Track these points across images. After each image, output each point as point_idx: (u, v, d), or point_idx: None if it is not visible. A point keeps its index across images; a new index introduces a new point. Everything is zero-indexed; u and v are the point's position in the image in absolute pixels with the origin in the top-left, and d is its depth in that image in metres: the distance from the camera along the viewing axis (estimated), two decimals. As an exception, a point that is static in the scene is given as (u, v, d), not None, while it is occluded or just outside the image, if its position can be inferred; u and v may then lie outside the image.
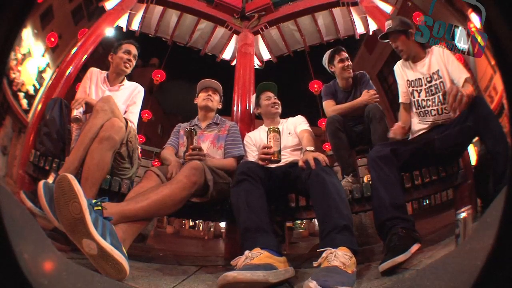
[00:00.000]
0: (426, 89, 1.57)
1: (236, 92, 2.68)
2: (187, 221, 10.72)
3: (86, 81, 1.86)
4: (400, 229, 1.13)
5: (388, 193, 1.25)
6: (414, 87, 1.61)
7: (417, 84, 1.60)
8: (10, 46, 0.44)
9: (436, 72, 1.54)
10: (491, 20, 0.41)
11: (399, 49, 1.62)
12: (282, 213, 1.62)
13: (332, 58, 2.07)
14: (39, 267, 0.52)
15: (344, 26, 3.48)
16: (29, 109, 2.03)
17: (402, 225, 1.14)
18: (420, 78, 1.59)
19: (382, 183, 1.29)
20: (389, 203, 1.22)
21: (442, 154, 1.45)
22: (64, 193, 0.91)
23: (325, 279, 0.82)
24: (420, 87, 1.59)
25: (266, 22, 3.27)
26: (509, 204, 0.40)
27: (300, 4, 3.30)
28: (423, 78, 1.58)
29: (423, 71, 1.58)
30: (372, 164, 1.36)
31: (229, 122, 1.93)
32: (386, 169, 1.31)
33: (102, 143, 1.41)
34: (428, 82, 1.56)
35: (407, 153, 1.41)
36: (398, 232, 1.12)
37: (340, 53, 2.05)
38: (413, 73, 1.62)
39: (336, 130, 1.81)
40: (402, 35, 1.60)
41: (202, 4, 3.31)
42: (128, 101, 1.84)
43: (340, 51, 2.06)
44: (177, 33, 3.65)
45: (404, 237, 1.09)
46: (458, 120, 1.37)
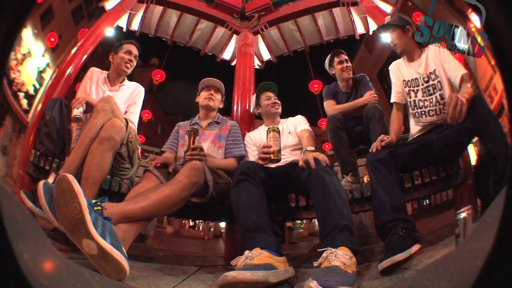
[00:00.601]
0: (423, 89, 1.55)
1: (236, 92, 2.68)
2: (187, 221, 10.71)
3: (86, 81, 1.86)
4: (400, 229, 1.13)
5: (387, 195, 1.26)
6: (410, 87, 1.60)
7: (414, 84, 1.58)
8: (10, 46, 0.44)
9: (433, 71, 1.52)
10: (491, 20, 0.41)
11: (394, 42, 1.62)
12: (282, 213, 1.62)
13: (331, 60, 2.12)
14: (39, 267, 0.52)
15: (344, 26, 3.48)
16: (29, 109, 2.03)
17: (403, 226, 1.15)
18: (417, 78, 1.57)
19: (381, 185, 1.29)
20: (389, 205, 1.23)
21: (441, 154, 1.45)
22: (64, 193, 0.91)
23: (326, 279, 0.82)
24: (417, 87, 1.57)
25: (266, 22, 3.27)
26: (509, 204, 0.40)
27: (300, 4, 3.30)
28: (420, 78, 1.56)
29: (419, 71, 1.57)
30: (370, 167, 1.37)
31: (230, 122, 1.93)
32: (384, 171, 1.32)
33: (103, 143, 1.41)
34: (426, 82, 1.54)
35: (405, 154, 1.41)
36: (398, 232, 1.12)
37: (339, 55, 2.10)
38: (410, 73, 1.61)
39: (337, 128, 1.82)
40: (398, 29, 1.60)
41: (202, 4, 3.31)
42: (129, 101, 1.84)
43: (339, 53, 2.11)
44: (177, 33, 3.64)
45: (404, 237, 1.10)
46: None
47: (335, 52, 2.13)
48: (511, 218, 0.40)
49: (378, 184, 1.31)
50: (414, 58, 1.61)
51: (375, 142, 1.47)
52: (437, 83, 1.51)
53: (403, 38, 1.59)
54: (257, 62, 3.73)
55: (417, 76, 1.57)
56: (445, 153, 1.45)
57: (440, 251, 1.13)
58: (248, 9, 3.28)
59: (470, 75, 1.88)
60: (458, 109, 1.19)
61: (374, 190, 1.32)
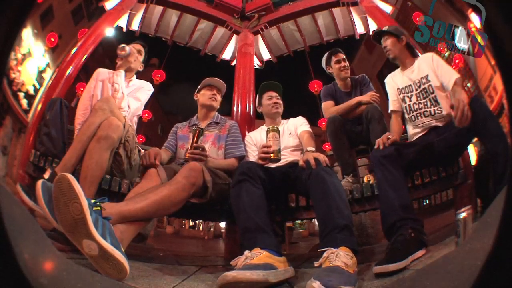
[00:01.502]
0: (417, 94, 1.61)
1: (236, 92, 2.68)
2: (187, 221, 10.70)
3: (92, 82, 1.87)
4: (410, 230, 1.11)
5: (396, 193, 1.22)
6: (405, 93, 1.66)
7: (408, 90, 1.65)
8: (10, 46, 0.44)
9: (425, 76, 1.58)
10: (491, 20, 0.41)
11: (387, 48, 1.70)
12: (282, 213, 1.62)
13: (329, 59, 2.10)
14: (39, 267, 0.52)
15: (344, 26, 3.49)
16: (29, 109, 2.03)
17: (412, 225, 1.13)
18: (410, 84, 1.64)
19: (389, 183, 1.26)
20: (398, 204, 1.20)
21: (443, 155, 1.45)
22: (63, 193, 0.90)
23: (329, 279, 0.82)
24: (410, 92, 1.63)
25: (266, 22, 3.28)
26: (509, 204, 0.40)
27: (300, 4, 3.31)
28: (413, 84, 1.63)
29: (412, 77, 1.64)
30: (376, 164, 1.33)
31: (229, 121, 1.91)
32: (391, 168, 1.29)
33: (100, 142, 1.41)
34: (419, 87, 1.60)
35: (410, 154, 1.41)
36: (405, 233, 1.10)
37: (336, 54, 2.08)
38: (403, 81, 1.68)
39: (336, 130, 1.81)
40: (393, 37, 1.70)
41: (202, 4, 3.31)
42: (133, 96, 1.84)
43: (337, 53, 2.09)
44: (177, 33, 3.65)
45: (410, 240, 1.08)
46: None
47: (333, 51, 2.11)
48: (511, 218, 0.40)
49: (385, 181, 1.27)
50: (407, 66, 1.69)
51: (379, 138, 1.44)
52: (428, 87, 1.56)
53: (396, 46, 1.69)
54: (257, 62, 3.74)
55: (410, 83, 1.64)
56: (446, 154, 1.45)
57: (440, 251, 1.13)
58: (248, 9, 3.28)
59: (471, 75, 1.90)
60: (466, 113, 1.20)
61: (382, 188, 1.28)
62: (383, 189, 1.27)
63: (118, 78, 1.78)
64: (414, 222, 1.16)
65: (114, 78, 1.78)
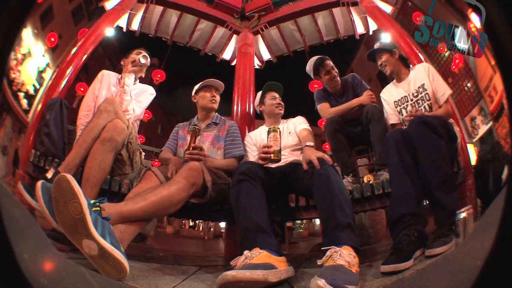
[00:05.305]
0: (412, 104, 1.65)
1: (236, 92, 2.68)
2: (187, 221, 10.72)
3: (96, 83, 1.87)
4: (414, 231, 1.10)
5: (413, 183, 1.15)
6: (401, 105, 1.70)
7: (404, 101, 1.69)
8: (10, 46, 0.44)
9: (421, 85, 1.63)
10: (491, 20, 0.41)
11: (384, 64, 1.75)
12: (282, 213, 1.62)
13: (317, 70, 2.04)
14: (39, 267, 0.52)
15: (344, 26, 3.48)
16: (29, 109, 2.03)
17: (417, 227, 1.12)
18: (405, 96, 1.69)
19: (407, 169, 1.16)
20: (415, 195, 1.13)
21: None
22: (63, 193, 0.90)
23: (334, 277, 0.82)
24: (406, 103, 1.68)
25: (266, 22, 3.27)
26: (509, 204, 0.40)
27: (300, 4, 3.30)
28: (408, 95, 1.67)
29: (407, 89, 1.68)
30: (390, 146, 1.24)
31: (229, 122, 1.91)
32: (408, 154, 1.20)
33: (104, 144, 1.41)
34: (415, 97, 1.65)
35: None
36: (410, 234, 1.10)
37: (324, 65, 2.00)
38: (399, 93, 1.72)
39: (335, 131, 1.81)
40: (386, 53, 1.75)
41: (202, 4, 3.31)
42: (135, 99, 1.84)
43: (325, 62, 2.00)
44: (177, 33, 3.65)
45: (414, 241, 1.08)
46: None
47: (320, 61, 2.00)
48: (511, 218, 0.40)
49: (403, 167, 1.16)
50: (402, 78, 1.74)
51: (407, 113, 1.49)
52: (425, 95, 1.61)
53: (391, 60, 1.74)
54: (257, 62, 3.74)
55: (406, 94, 1.69)
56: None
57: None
58: (248, 9, 3.27)
59: (471, 75, 1.91)
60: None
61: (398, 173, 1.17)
62: (399, 174, 1.17)
63: (129, 80, 1.80)
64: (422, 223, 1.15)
65: (124, 80, 1.80)
